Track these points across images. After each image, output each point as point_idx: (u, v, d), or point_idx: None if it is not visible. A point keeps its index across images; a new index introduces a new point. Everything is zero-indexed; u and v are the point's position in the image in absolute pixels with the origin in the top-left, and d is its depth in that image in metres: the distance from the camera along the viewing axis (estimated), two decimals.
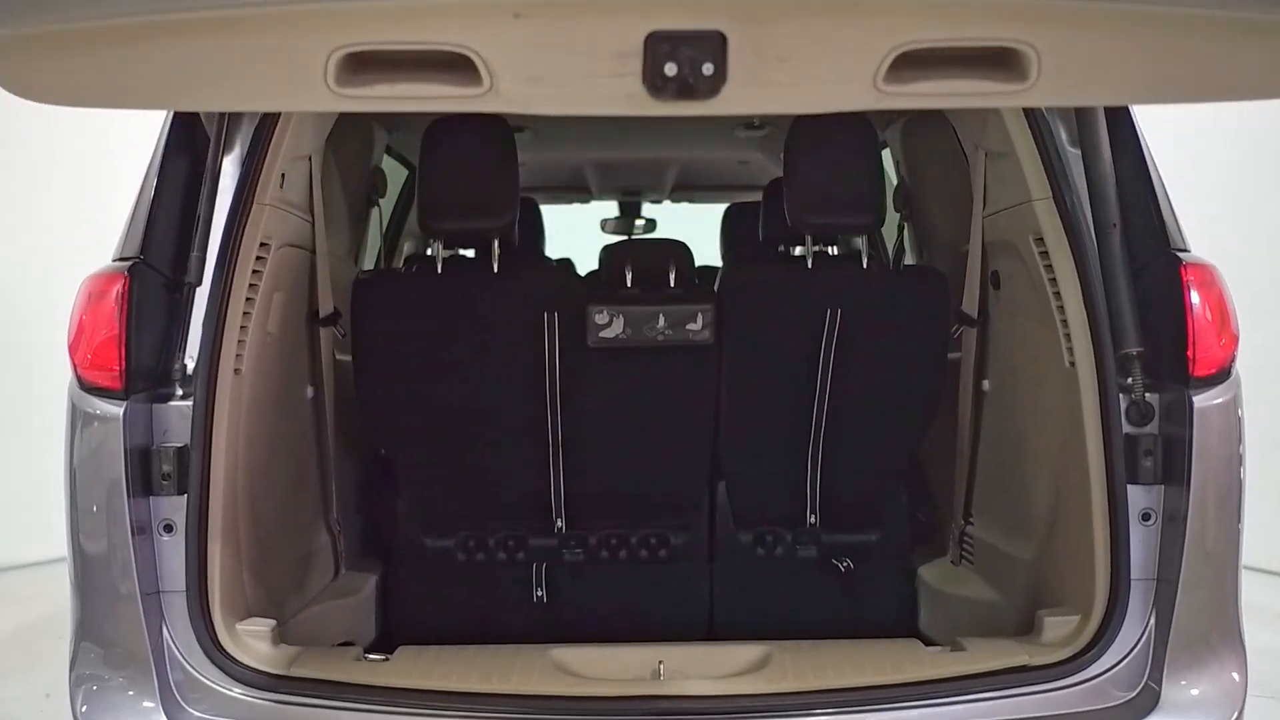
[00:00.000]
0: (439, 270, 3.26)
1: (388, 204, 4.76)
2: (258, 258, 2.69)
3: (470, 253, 3.49)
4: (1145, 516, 2.51)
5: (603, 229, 6.74)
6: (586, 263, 4.47)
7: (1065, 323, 2.65)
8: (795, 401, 3.33)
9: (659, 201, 6.70)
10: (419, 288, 3.30)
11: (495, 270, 3.22)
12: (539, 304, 3.22)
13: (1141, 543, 2.50)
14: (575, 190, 6.45)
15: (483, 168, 3.20)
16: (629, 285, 3.27)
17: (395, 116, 4.25)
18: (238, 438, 2.62)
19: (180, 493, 2.47)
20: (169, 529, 2.48)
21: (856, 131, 3.24)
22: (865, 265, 3.29)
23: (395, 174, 4.73)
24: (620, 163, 5.93)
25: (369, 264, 4.55)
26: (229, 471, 2.56)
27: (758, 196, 4.32)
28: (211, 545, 2.49)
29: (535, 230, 5.14)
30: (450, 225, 3.21)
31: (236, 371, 2.61)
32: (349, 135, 4.15)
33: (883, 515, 3.52)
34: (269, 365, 2.84)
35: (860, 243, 3.32)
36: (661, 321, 3.23)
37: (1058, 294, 2.68)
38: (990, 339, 3.21)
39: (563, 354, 3.24)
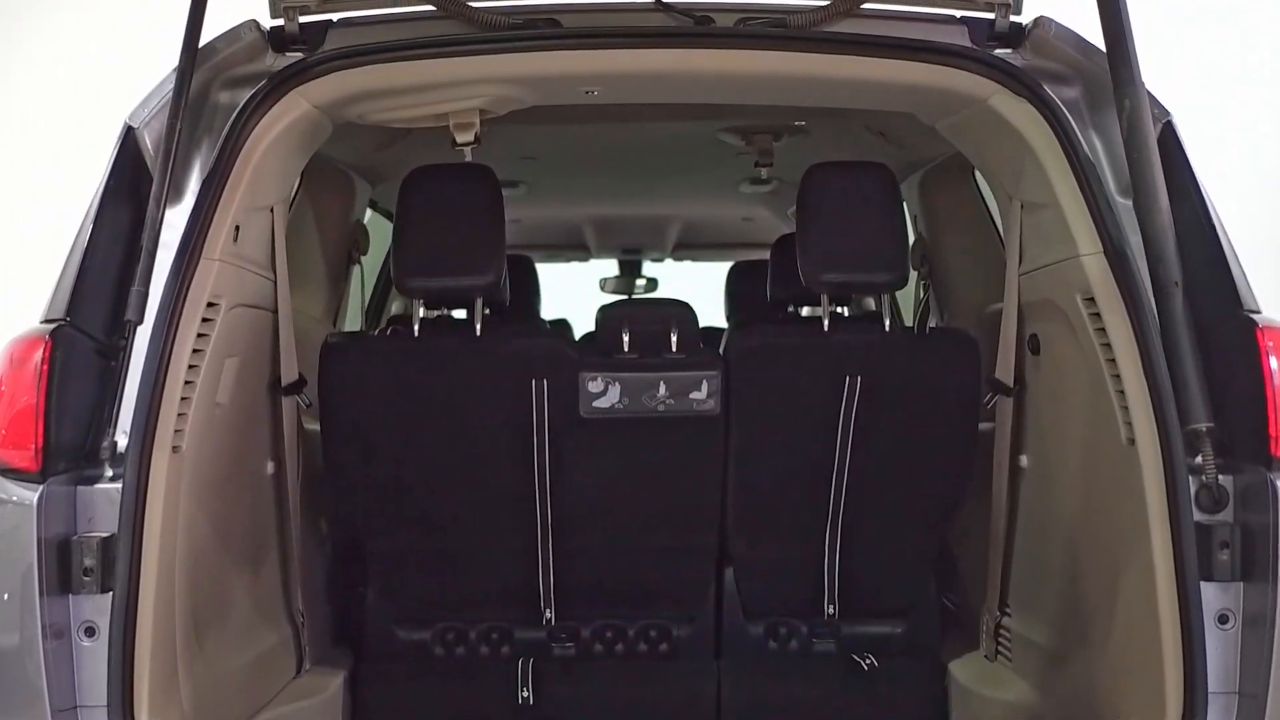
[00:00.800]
0: (415, 333, 2.94)
1: (373, 261, 4.48)
2: (204, 319, 2.37)
3: (462, 313, 3.17)
4: (1222, 619, 2.17)
5: (602, 288, 6.50)
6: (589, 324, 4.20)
7: (1122, 394, 2.33)
8: (811, 478, 3.01)
9: (660, 260, 6.45)
10: (392, 353, 2.98)
11: (478, 334, 2.91)
12: (526, 370, 2.91)
13: (1219, 649, 2.16)
14: (573, 248, 6.21)
15: (465, 220, 2.90)
16: (626, 350, 2.95)
17: (378, 167, 3.98)
18: (175, 525, 2.29)
19: (104, 590, 2.13)
20: (90, 633, 2.14)
21: (876, 179, 2.95)
22: (888, 327, 2.97)
23: (382, 230, 4.44)
24: (620, 220, 5.69)
25: (350, 326, 4.25)
26: (164, 564, 2.22)
27: (764, 255, 4.06)
28: (140, 651, 2.15)
29: (529, 290, 4.86)
30: (426, 284, 2.90)
31: (175, 449, 2.29)
32: (327, 186, 3.88)
33: (908, 604, 3.17)
34: (218, 440, 2.52)
35: (883, 303, 3.00)
36: (662, 390, 2.92)
37: (1112, 361, 2.36)
38: (1028, 410, 2.88)
39: (552, 426, 2.92)
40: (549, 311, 5.21)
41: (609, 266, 6.46)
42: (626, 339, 2.95)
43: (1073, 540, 2.66)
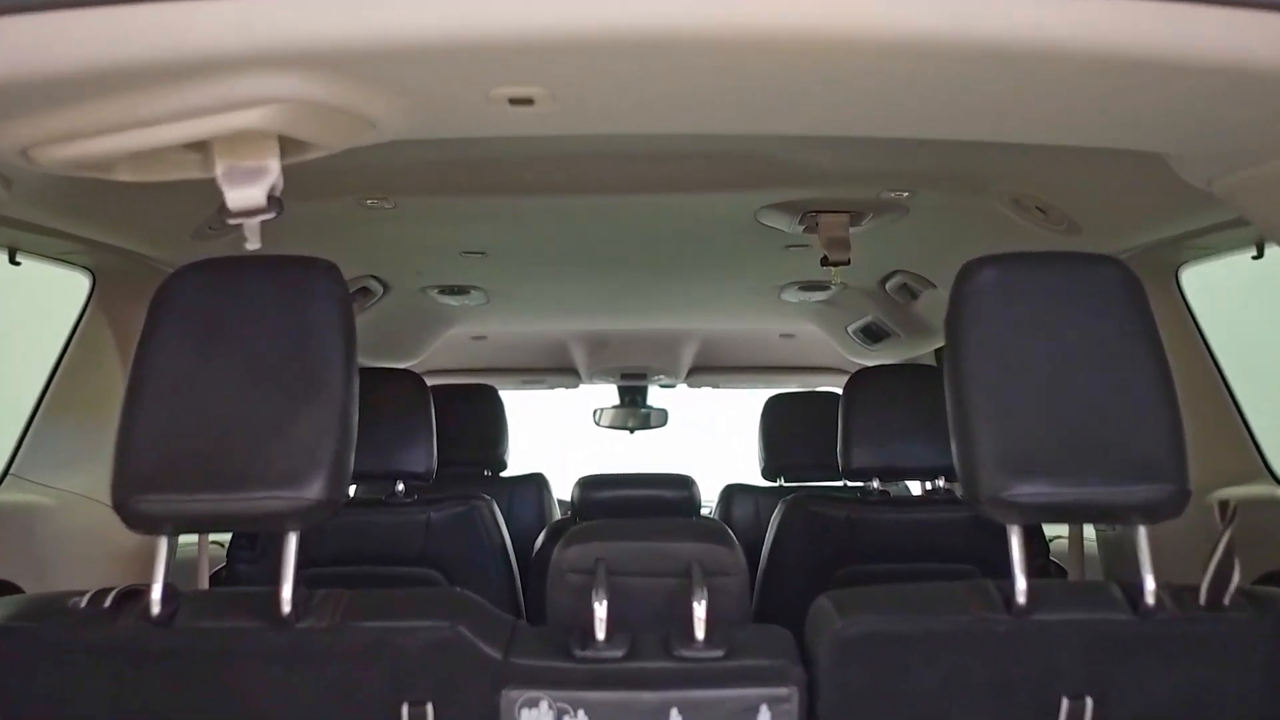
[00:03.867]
0: (154, 611, 1.41)
1: None
2: None
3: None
4: None
5: (596, 423, 5.13)
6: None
7: None
8: None
9: (671, 386, 5.06)
10: (108, 653, 1.43)
11: (285, 613, 1.39)
12: (391, 687, 1.38)
13: None
14: (556, 373, 4.87)
15: (266, 368, 1.40)
16: (600, 639, 1.43)
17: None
18: None
19: None
20: None
21: (1121, 286, 1.45)
22: (1150, 596, 1.42)
23: None
24: (615, 337, 4.41)
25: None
26: None
27: (807, 384, 2.89)
28: None
29: (492, 435, 3.49)
30: (164, 507, 1.37)
31: None
32: (131, 297, 2.44)
33: None
34: None
35: (1142, 542, 1.46)
36: None
37: None
38: None
39: None
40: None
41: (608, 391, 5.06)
42: (601, 614, 1.42)
43: None
